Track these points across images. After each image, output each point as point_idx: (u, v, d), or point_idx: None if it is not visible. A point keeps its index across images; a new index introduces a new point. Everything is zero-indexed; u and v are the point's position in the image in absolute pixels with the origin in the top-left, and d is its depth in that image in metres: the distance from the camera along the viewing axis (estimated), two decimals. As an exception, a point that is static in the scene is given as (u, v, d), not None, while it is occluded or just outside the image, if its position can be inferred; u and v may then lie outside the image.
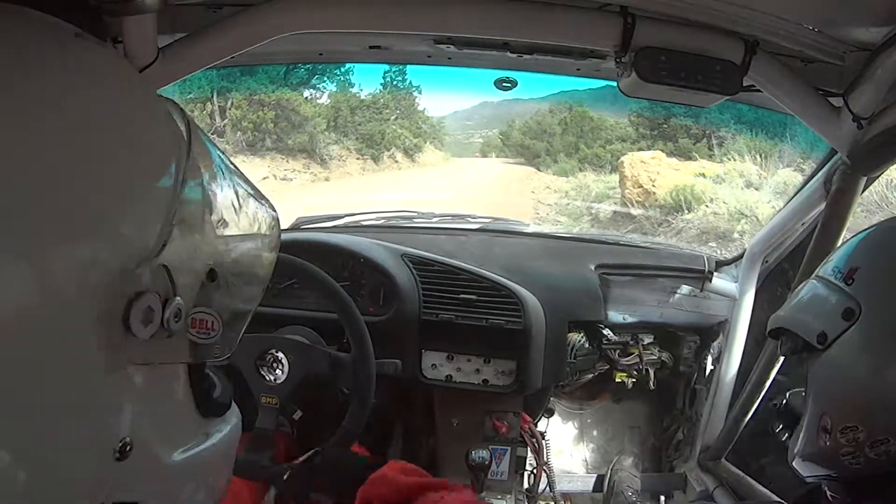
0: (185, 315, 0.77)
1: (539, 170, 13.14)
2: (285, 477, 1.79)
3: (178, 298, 0.74)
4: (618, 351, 2.86)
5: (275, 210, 1.03)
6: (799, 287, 1.37)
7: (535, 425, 2.79)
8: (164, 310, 0.72)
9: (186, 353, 0.80)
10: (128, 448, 0.71)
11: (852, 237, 1.32)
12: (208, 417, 0.88)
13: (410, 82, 12.78)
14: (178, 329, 0.75)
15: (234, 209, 0.87)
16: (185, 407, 0.84)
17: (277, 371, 2.01)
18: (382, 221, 3.15)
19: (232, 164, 0.93)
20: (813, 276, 1.32)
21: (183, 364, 0.82)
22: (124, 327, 0.68)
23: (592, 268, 2.81)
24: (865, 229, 1.31)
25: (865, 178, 1.92)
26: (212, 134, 12.10)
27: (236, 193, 0.89)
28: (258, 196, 0.97)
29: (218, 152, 0.89)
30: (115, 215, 0.69)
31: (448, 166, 13.71)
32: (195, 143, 0.81)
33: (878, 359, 1.14)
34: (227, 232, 0.86)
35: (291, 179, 12.12)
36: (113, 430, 0.70)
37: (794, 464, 1.36)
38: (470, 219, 3.31)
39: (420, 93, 13.10)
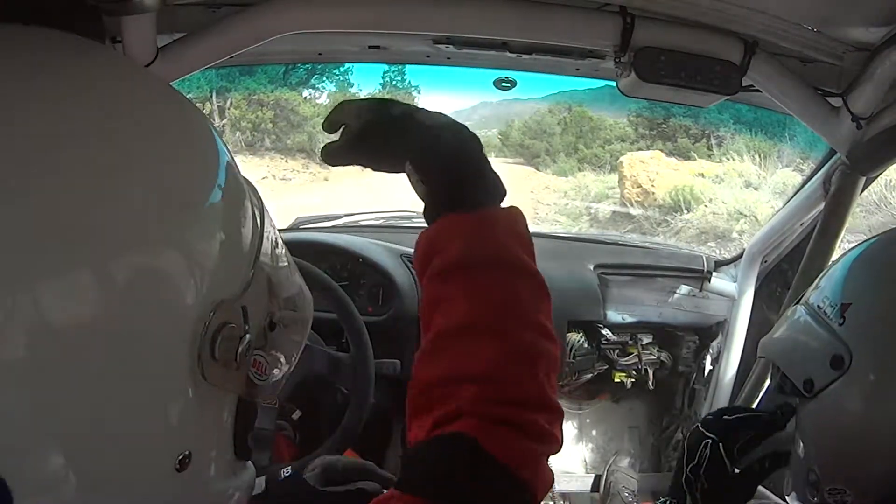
0: (251, 353, 0.81)
1: (538, 169, 13.14)
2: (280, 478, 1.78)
3: (249, 336, 0.79)
4: (617, 351, 2.85)
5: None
6: (789, 310, 1.27)
7: (534, 425, 2.79)
8: (240, 343, 0.77)
9: (243, 390, 0.83)
10: (187, 461, 0.74)
11: (848, 252, 1.23)
12: (240, 459, 0.90)
13: (409, 82, 12.79)
14: (244, 364, 0.80)
15: (290, 271, 0.98)
16: (229, 442, 0.86)
17: (275, 371, 2.00)
18: (381, 221, 3.15)
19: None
20: (803, 300, 1.23)
21: (234, 400, 0.85)
22: (209, 349, 0.73)
23: (591, 267, 2.81)
24: (863, 243, 1.22)
25: (864, 178, 1.92)
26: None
27: (288, 259, 0.98)
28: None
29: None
30: (217, 263, 0.76)
31: (447, 166, 13.71)
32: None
33: (868, 418, 1.04)
34: (283, 290, 0.92)
35: (290, 179, 12.13)
36: (179, 442, 0.75)
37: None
38: (469, 219, 3.30)
39: (419, 93, 13.09)
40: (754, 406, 2.48)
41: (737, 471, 1.35)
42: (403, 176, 0.98)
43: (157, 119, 0.76)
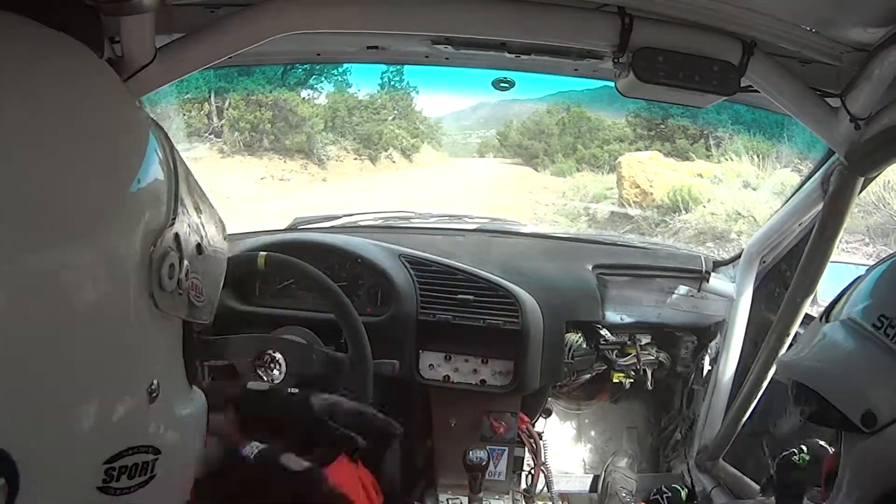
0: (189, 277, 0.86)
1: (537, 170, 13.17)
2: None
3: (186, 262, 0.85)
4: (615, 351, 2.86)
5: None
6: (816, 328, 1.15)
7: (533, 425, 2.79)
8: (180, 270, 0.83)
9: (187, 311, 0.88)
10: (156, 392, 0.80)
11: (882, 263, 1.12)
12: (190, 384, 0.95)
13: (408, 83, 12.80)
14: (186, 288, 0.86)
15: (201, 197, 0.97)
16: (182, 368, 0.91)
17: (275, 371, 2.00)
18: (380, 222, 3.15)
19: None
20: (841, 317, 1.10)
21: (180, 325, 0.90)
22: (157, 280, 0.79)
23: (590, 268, 2.81)
24: None
25: (863, 179, 1.92)
26: (209, 134, 12.13)
27: (200, 190, 0.98)
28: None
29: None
30: (144, 195, 0.81)
31: (445, 166, 13.74)
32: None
33: None
34: (204, 215, 0.95)
35: (289, 180, 12.13)
36: (146, 372, 0.80)
37: None
38: (467, 219, 3.31)
39: (417, 93, 13.14)
40: (754, 404, 2.49)
41: None
42: (402, 176, 1.00)
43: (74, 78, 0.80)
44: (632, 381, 2.92)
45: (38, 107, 0.73)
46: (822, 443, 1.67)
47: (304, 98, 12.21)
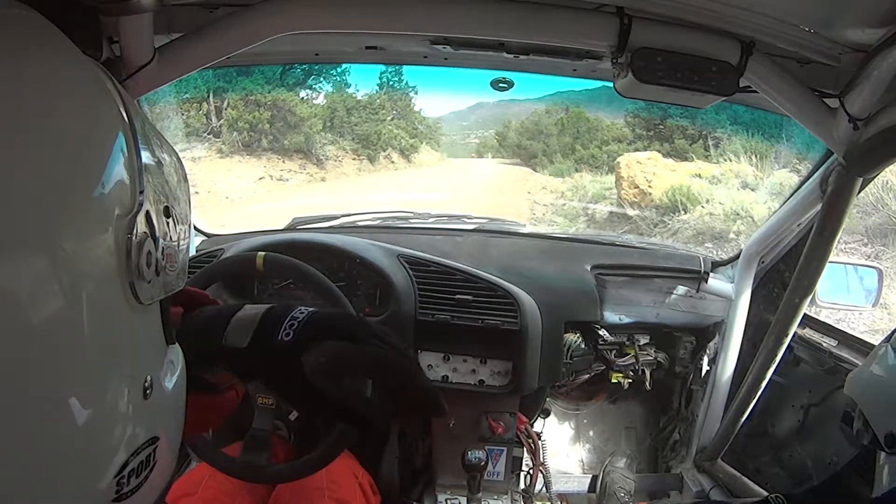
0: (165, 252, 0.81)
1: (535, 170, 13.18)
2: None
3: (160, 238, 0.78)
4: (614, 351, 2.86)
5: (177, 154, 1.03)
6: (880, 347, 1.14)
7: (532, 426, 2.80)
8: (156, 250, 0.77)
9: (164, 288, 0.82)
10: (150, 386, 0.76)
11: None
12: (171, 345, 0.90)
13: (406, 83, 12.85)
14: (164, 266, 0.80)
15: (159, 143, 0.90)
16: (161, 337, 0.86)
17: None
18: (378, 222, 3.15)
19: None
20: (891, 340, 1.10)
21: (158, 311, 0.84)
22: (136, 272, 0.73)
23: (588, 268, 2.81)
24: None
25: (861, 180, 1.92)
26: (208, 134, 12.14)
27: (160, 140, 0.91)
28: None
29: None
30: (108, 174, 0.73)
31: (444, 167, 13.75)
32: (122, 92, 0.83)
33: None
34: (166, 169, 0.88)
35: (287, 180, 12.13)
36: (139, 371, 0.76)
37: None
38: (466, 219, 3.31)
39: (416, 93, 13.17)
40: (753, 404, 2.49)
41: None
42: (401, 176, 0.97)
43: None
44: (630, 381, 2.92)
45: None
46: None
47: (302, 98, 12.24)
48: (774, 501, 1.27)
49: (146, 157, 0.80)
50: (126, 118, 0.78)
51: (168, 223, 0.84)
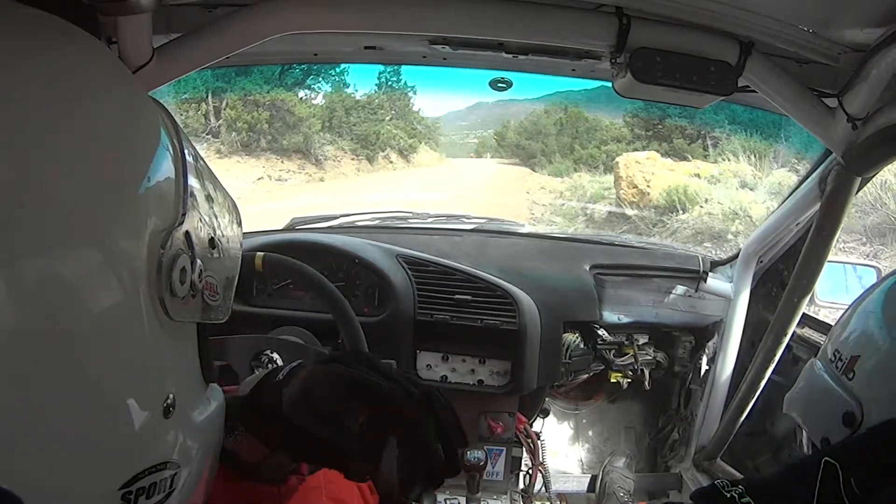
0: (203, 277, 0.81)
1: (534, 170, 13.19)
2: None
3: (199, 261, 0.79)
4: (613, 351, 2.86)
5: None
6: (808, 363, 1.20)
7: (531, 425, 2.80)
8: (192, 271, 0.78)
9: (202, 314, 0.83)
10: (172, 406, 0.75)
11: (858, 299, 1.15)
12: (208, 383, 0.91)
13: (405, 83, 12.85)
14: (200, 289, 0.80)
15: (214, 185, 0.92)
16: (198, 370, 0.87)
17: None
18: (377, 222, 3.15)
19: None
20: (820, 353, 1.16)
21: (194, 328, 0.85)
22: (167, 286, 0.73)
23: (587, 268, 2.81)
24: (873, 288, 1.13)
25: (860, 179, 1.92)
26: (206, 134, 12.13)
27: (211, 172, 0.93)
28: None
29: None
30: (151, 189, 0.74)
31: (443, 167, 13.75)
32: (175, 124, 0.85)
33: None
34: (216, 207, 0.89)
35: (286, 180, 12.13)
36: (161, 387, 0.75)
37: None
38: (465, 219, 3.31)
39: (415, 93, 13.18)
40: (752, 403, 2.49)
41: None
42: (399, 176, 0.98)
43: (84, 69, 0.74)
44: (629, 381, 2.93)
45: (30, 97, 0.65)
46: None
47: (301, 98, 12.23)
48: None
49: (195, 184, 0.83)
50: (171, 136, 0.81)
51: (212, 253, 0.85)
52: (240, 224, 1.00)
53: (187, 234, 0.77)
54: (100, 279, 0.66)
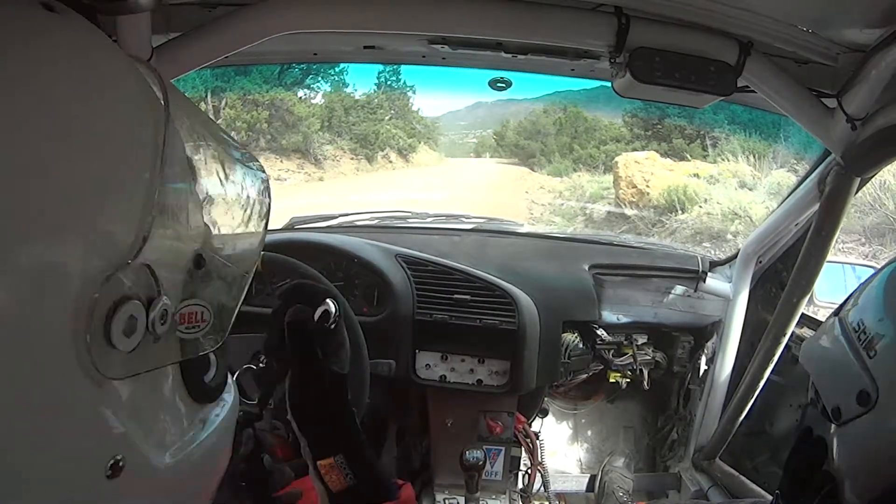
0: (173, 313, 0.69)
1: (533, 170, 13.15)
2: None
3: (165, 298, 0.67)
4: (612, 351, 2.86)
5: (264, 171, 0.94)
6: (829, 319, 1.16)
7: (530, 425, 2.80)
8: (149, 313, 0.65)
9: (176, 353, 0.73)
10: (120, 465, 0.65)
11: (890, 265, 1.10)
12: (203, 404, 0.83)
13: (405, 82, 12.80)
14: (166, 331, 0.68)
15: (221, 181, 0.81)
16: (177, 403, 0.77)
17: (271, 372, 2.00)
18: (376, 221, 3.15)
19: (215, 126, 0.88)
20: (842, 313, 1.11)
21: (168, 369, 0.75)
22: (105, 341, 0.61)
23: (586, 268, 2.81)
24: None
25: (859, 179, 1.93)
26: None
27: (222, 163, 0.82)
28: (245, 159, 0.90)
29: (201, 117, 0.84)
30: (85, 214, 0.61)
31: (442, 166, 13.72)
32: (175, 111, 0.71)
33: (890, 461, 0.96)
34: (215, 209, 0.78)
35: (285, 179, 12.10)
36: (102, 449, 0.65)
37: None
38: (464, 219, 3.31)
39: (414, 93, 13.12)
40: (751, 403, 2.49)
41: None
42: (399, 176, 0.97)
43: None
44: (628, 380, 2.93)
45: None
46: None
47: (300, 98, 12.20)
48: None
49: (183, 185, 0.73)
50: (150, 125, 0.68)
51: (198, 275, 0.74)
52: (263, 217, 0.89)
53: (146, 266, 0.65)
54: (8, 324, 0.55)
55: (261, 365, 1.61)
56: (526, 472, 2.79)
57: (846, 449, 1.07)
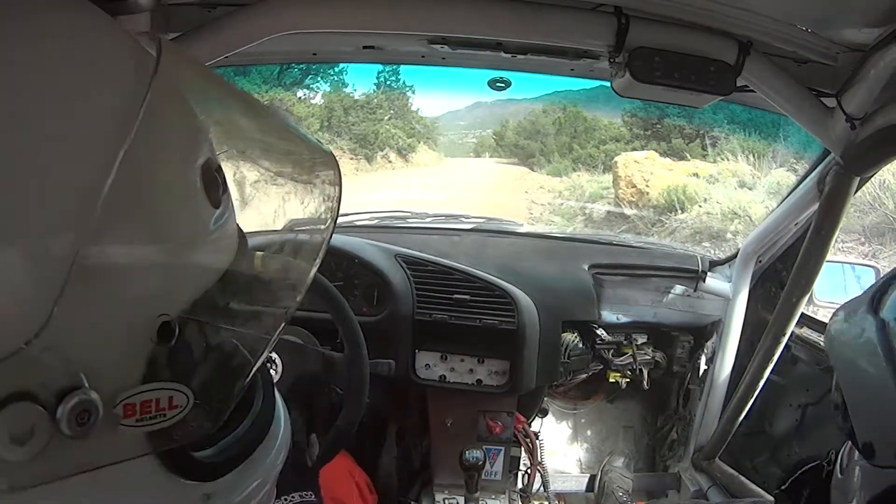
0: (109, 404, 0.55)
1: (533, 170, 13.14)
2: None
3: (87, 391, 0.53)
4: (611, 351, 2.86)
5: (334, 161, 0.73)
6: (866, 317, 0.97)
7: (529, 425, 2.80)
8: (57, 409, 0.51)
9: (132, 448, 0.59)
10: None
11: None
12: (204, 481, 0.68)
13: (404, 82, 12.79)
14: (95, 429, 0.54)
15: (242, 192, 0.65)
16: (155, 490, 0.64)
17: (271, 371, 2.00)
18: (376, 221, 3.15)
19: (255, 104, 0.70)
20: (882, 311, 0.95)
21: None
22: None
23: (586, 268, 2.81)
24: None
25: (858, 179, 1.93)
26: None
27: (255, 173, 0.65)
28: (299, 143, 0.69)
29: (220, 90, 0.65)
30: None
31: (442, 166, 13.71)
32: (163, 93, 0.57)
33: None
34: (220, 249, 0.62)
35: (285, 179, 12.10)
36: None
37: None
38: (463, 219, 3.31)
39: (414, 93, 13.11)
40: (750, 403, 2.49)
41: None
42: (398, 176, 0.95)
43: None
44: (628, 380, 2.92)
45: None
46: None
47: (300, 98, 12.19)
48: None
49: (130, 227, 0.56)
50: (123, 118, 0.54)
51: (166, 349, 0.59)
52: (311, 254, 0.72)
53: (55, 353, 0.50)
54: None
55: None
56: (525, 471, 2.79)
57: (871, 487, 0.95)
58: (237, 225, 0.65)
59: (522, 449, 2.74)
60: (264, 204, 0.66)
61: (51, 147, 0.49)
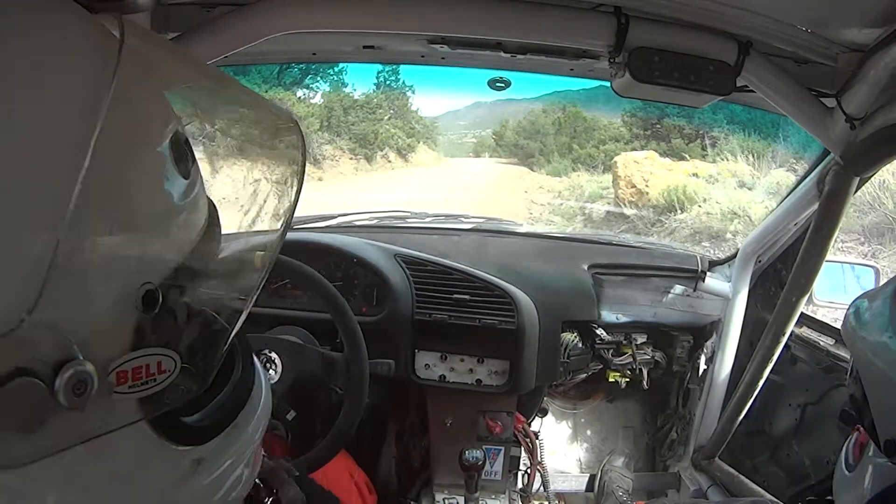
0: (103, 373, 0.57)
1: (532, 170, 13.15)
2: None
3: (81, 362, 0.55)
4: (611, 351, 2.86)
5: (294, 123, 0.76)
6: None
7: (529, 425, 2.80)
8: (54, 383, 0.53)
9: (125, 416, 0.61)
10: None
11: None
12: (192, 445, 0.71)
13: (404, 82, 12.79)
14: (91, 398, 0.56)
15: (213, 168, 0.69)
16: (146, 457, 0.66)
17: (270, 371, 2.00)
18: (375, 221, 3.15)
19: (235, 86, 0.72)
20: None
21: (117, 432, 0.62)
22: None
23: (585, 267, 2.81)
24: None
25: (858, 179, 1.93)
26: (204, 135, 12.08)
27: (222, 140, 0.70)
28: (263, 109, 0.74)
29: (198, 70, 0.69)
30: None
31: (441, 166, 13.71)
32: (130, 71, 0.58)
33: None
34: (192, 218, 0.65)
35: (284, 179, 12.09)
36: None
37: None
38: (463, 219, 3.31)
39: (413, 93, 13.11)
40: (750, 403, 2.50)
41: None
42: (398, 176, 0.95)
43: None
44: (628, 380, 2.92)
45: None
46: None
47: (299, 98, 12.18)
48: None
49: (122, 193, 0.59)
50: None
51: (151, 316, 0.62)
52: (280, 217, 0.75)
53: (53, 324, 0.53)
54: None
55: None
56: (525, 471, 2.79)
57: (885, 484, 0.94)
58: (206, 194, 0.69)
59: (522, 449, 2.73)
60: (233, 171, 0.71)
61: (28, 131, 0.52)
